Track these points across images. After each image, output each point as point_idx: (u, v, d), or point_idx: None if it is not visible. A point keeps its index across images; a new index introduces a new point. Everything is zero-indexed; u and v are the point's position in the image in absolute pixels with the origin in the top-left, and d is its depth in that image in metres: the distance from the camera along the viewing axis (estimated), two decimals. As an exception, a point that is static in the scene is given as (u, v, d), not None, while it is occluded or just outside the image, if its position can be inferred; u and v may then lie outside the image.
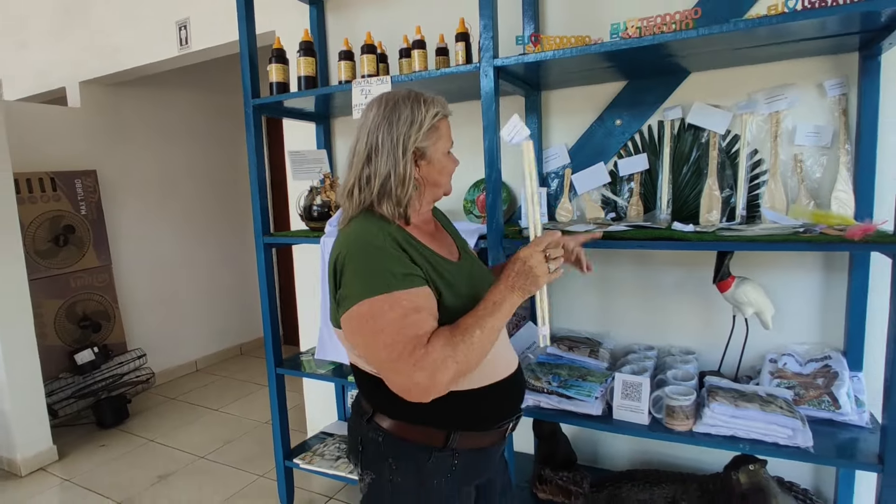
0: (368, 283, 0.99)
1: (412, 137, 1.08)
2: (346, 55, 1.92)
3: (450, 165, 1.17)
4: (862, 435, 1.45)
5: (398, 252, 1.03)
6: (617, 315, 1.99)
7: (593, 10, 1.88)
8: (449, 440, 1.08)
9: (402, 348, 0.96)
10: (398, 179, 1.07)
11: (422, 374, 0.95)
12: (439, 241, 1.19)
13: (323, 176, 2.16)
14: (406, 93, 1.12)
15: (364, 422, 1.13)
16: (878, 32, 1.39)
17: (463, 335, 0.98)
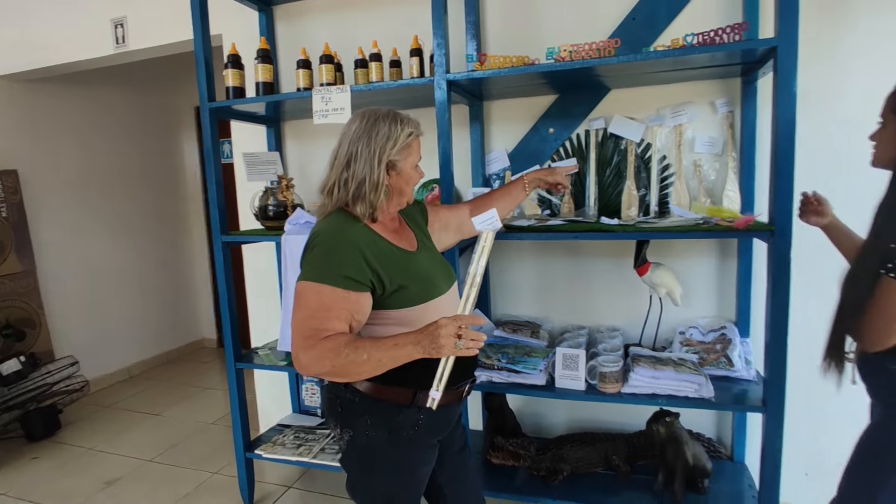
0: (315, 269, 1.18)
1: (387, 151, 1.25)
2: (303, 64, 2.05)
3: (416, 177, 1.35)
4: (750, 386, 1.79)
5: (351, 254, 1.19)
6: (553, 300, 2.26)
7: (527, 32, 2.13)
8: (415, 398, 1.25)
9: (303, 331, 1.15)
10: (372, 185, 1.25)
11: (304, 357, 1.15)
12: (401, 235, 1.36)
13: (278, 177, 2.26)
14: (386, 111, 1.29)
15: (342, 386, 1.29)
16: (754, 64, 1.73)
17: (352, 351, 1.13)
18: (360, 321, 1.22)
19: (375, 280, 1.21)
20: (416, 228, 1.45)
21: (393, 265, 1.25)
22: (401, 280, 1.24)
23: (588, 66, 1.65)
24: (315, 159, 2.54)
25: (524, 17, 2.15)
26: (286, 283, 2.07)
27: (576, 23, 2.07)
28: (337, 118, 1.91)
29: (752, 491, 1.88)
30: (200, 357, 4.44)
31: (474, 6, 2.14)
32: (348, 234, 1.23)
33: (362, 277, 1.19)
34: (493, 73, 1.74)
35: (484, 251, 1.17)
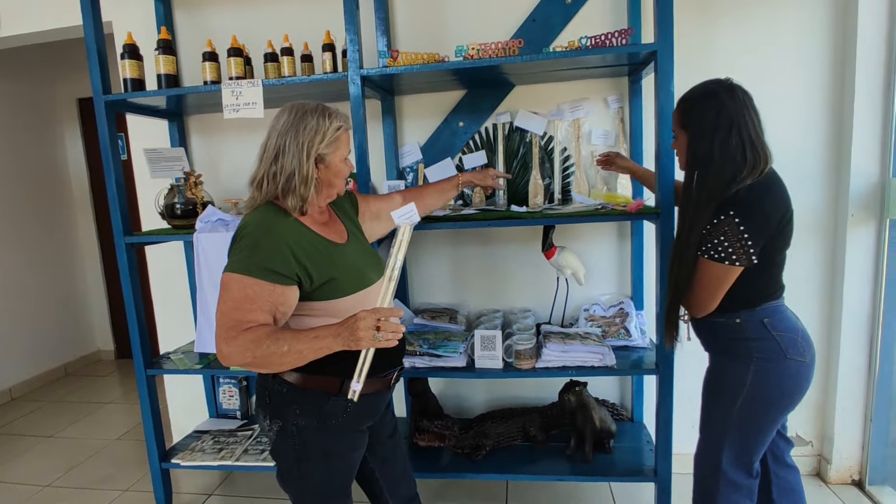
0: (241, 261, 1.19)
1: (315, 145, 1.27)
2: (210, 56, 1.99)
3: (345, 170, 1.36)
4: (646, 353, 2.01)
5: (281, 249, 1.20)
6: (468, 286, 2.37)
7: (434, 30, 2.22)
8: (342, 387, 1.28)
9: (226, 322, 1.16)
10: (302, 179, 1.26)
11: (226, 348, 1.15)
12: (330, 227, 1.39)
13: (184, 173, 2.18)
14: (315, 105, 1.30)
15: (271, 377, 1.31)
16: (639, 65, 1.94)
17: (272, 343, 1.15)
18: (284, 313, 1.23)
19: (302, 273, 1.23)
20: (347, 220, 1.47)
21: (322, 258, 1.27)
22: (329, 272, 1.27)
23: (495, 64, 1.76)
24: (223, 155, 2.47)
25: (431, 15, 2.22)
26: (201, 283, 2.01)
27: (480, 22, 2.18)
28: (248, 113, 1.88)
29: (649, 446, 2.12)
30: (96, 371, 4.11)
31: (383, 3, 2.19)
32: (276, 227, 1.24)
33: (288, 271, 1.20)
34: (406, 69, 1.80)
35: (402, 245, 1.20)
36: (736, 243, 1.31)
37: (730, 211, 1.31)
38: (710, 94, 1.36)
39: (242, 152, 2.43)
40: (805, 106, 2.09)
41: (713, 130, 1.34)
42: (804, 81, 2.08)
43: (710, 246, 1.34)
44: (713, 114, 1.34)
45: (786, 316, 1.42)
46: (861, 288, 2.09)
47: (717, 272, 1.35)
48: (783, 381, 1.39)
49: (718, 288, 1.37)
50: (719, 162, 1.33)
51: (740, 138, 1.33)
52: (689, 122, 1.39)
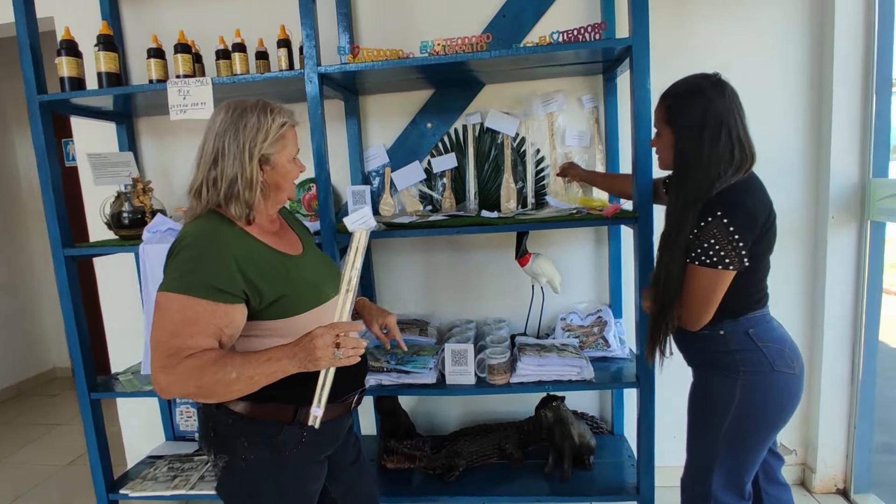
0: (179, 278, 1.05)
1: (258, 144, 1.14)
2: (156, 53, 1.84)
3: (294, 171, 1.24)
4: (625, 364, 1.91)
5: (226, 263, 1.07)
6: (439, 296, 2.25)
7: (400, 26, 2.10)
8: (297, 414, 1.16)
9: (164, 349, 1.03)
10: (245, 183, 1.13)
11: (164, 378, 1.03)
12: (282, 237, 1.26)
13: (132, 180, 2.02)
14: (255, 101, 1.18)
15: (214, 408, 1.17)
16: (614, 62, 1.85)
17: (219, 368, 1.03)
18: (230, 336, 1.10)
19: (250, 290, 1.10)
20: (300, 228, 1.36)
21: (272, 272, 1.14)
22: (281, 288, 1.14)
23: (461, 61, 1.65)
24: (177, 159, 2.31)
25: (397, 10, 2.11)
26: (147, 298, 1.86)
27: (449, 18, 2.07)
28: (197, 113, 1.74)
29: (631, 461, 2.02)
30: (50, 389, 3.88)
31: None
32: (220, 238, 1.11)
33: (233, 288, 1.07)
34: (366, 67, 1.68)
35: (358, 252, 1.11)
36: (727, 245, 1.22)
37: (717, 212, 1.22)
38: (698, 90, 1.28)
39: (197, 156, 2.28)
40: (783, 105, 2.02)
41: (701, 128, 1.26)
42: (782, 80, 2.01)
43: (701, 251, 1.25)
44: (700, 110, 1.26)
45: (771, 326, 1.34)
46: (843, 292, 2.02)
47: (711, 279, 1.25)
48: (773, 395, 1.30)
49: (713, 296, 1.27)
50: (707, 161, 1.25)
51: (729, 137, 1.25)
52: (675, 119, 1.30)
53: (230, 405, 1.16)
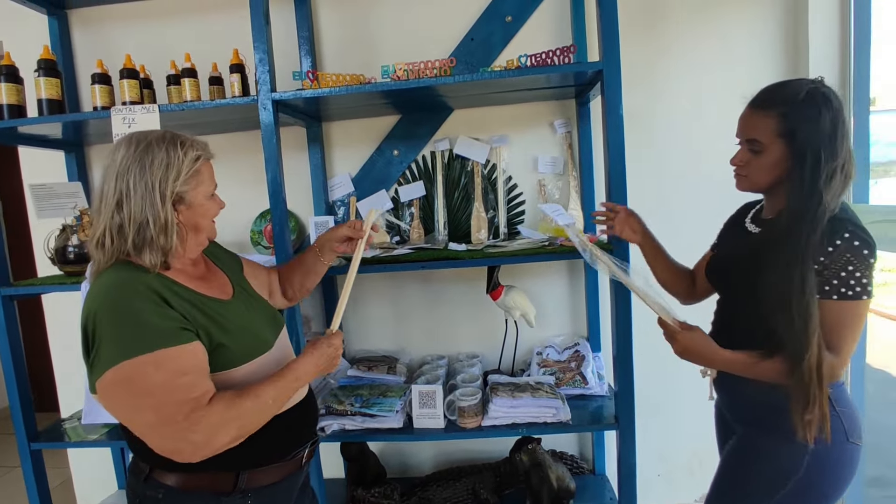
0: (126, 343, 0.90)
1: (170, 182, 1.01)
2: (101, 78, 1.73)
3: (213, 209, 1.12)
4: (604, 402, 1.81)
5: (159, 305, 0.96)
6: (409, 331, 2.14)
7: (365, 50, 2.02)
8: (238, 481, 1.04)
9: (175, 412, 0.90)
10: (159, 228, 1.00)
11: (198, 436, 0.91)
12: (209, 281, 1.13)
13: (79, 212, 1.89)
14: (160, 134, 1.05)
15: (141, 481, 1.04)
16: (586, 86, 1.78)
17: (255, 399, 0.97)
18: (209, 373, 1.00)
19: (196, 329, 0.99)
20: (228, 271, 1.22)
21: (206, 318, 1.02)
22: (218, 337, 1.02)
23: (423, 86, 1.56)
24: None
25: (362, 34, 2.03)
26: (90, 341, 1.72)
27: (415, 42, 2.00)
28: (143, 142, 1.63)
29: (613, 503, 1.90)
30: (6, 429, 3.66)
31: (307, 21, 1.98)
32: (139, 282, 0.97)
33: (187, 324, 0.97)
34: (323, 93, 1.58)
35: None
36: (865, 269, 1.03)
37: (844, 234, 1.04)
38: (822, 97, 1.08)
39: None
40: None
41: (829, 141, 1.06)
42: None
43: (839, 282, 1.04)
44: (829, 120, 1.06)
45: (844, 387, 1.15)
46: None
47: (858, 311, 1.05)
48: (841, 470, 1.11)
49: (858, 332, 1.06)
50: (841, 176, 1.07)
51: (849, 150, 1.09)
52: (795, 131, 1.08)
53: (158, 477, 1.03)
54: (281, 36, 2.01)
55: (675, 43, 1.95)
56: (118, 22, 2.10)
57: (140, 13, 2.08)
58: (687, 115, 1.98)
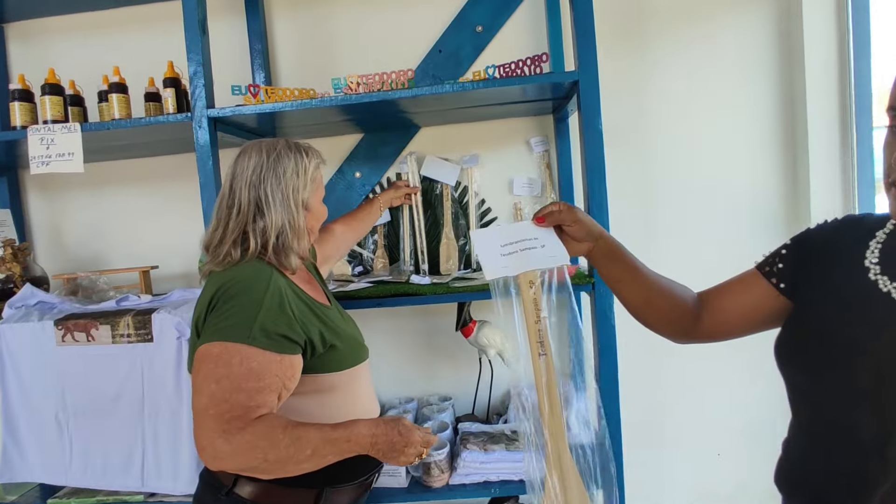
0: (232, 327, 0.94)
1: (300, 189, 1.09)
2: (22, 95, 1.55)
3: (324, 214, 1.20)
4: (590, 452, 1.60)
5: (282, 308, 0.99)
6: (376, 371, 1.92)
7: (324, 62, 1.85)
8: (320, 500, 1.05)
9: (225, 409, 0.89)
10: (295, 232, 1.07)
11: (224, 446, 0.88)
12: (314, 287, 1.20)
13: (1, 242, 1.70)
14: (284, 142, 1.11)
15: (223, 495, 1.02)
16: (563, 99, 1.61)
17: (293, 441, 0.91)
18: (289, 390, 0.99)
19: (307, 340, 1.02)
20: (318, 277, 1.29)
21: (319, 321, 1.07)
22: (331, 338, 1.07)
23: (377, 101, 1.39)
24: (70, 215, 1.99)
25: (321, 45, 1.87)
26: (4, 390, 1.51)
27: (378, 55, 1.83)
28: (63, 166, 1.45)
29: (603, 567, 1.68)
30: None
31: (260, 33, 1.81)
32: (274, 283, 1.01)
33: (297, 337, 0.99)
34: (266, 109, 1.40)
35: None
36: None
37: None
38: None
39: (95, 212, 1.97)
40: (753, 142, 1.80)
41: None
42: (751, 113, 1.79)
43: None
44: None
45: None
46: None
47: None
48: None
49: None
50: None
51: None
52: None
53: (240, 491, 1.02)
54: (234, 49, 1.84)
55: (660, 51, 1.79)
56: (57, 35, 1.93)
57: (81, 25, 1.91)
58: (675, 129, 1.81)
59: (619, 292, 0.98)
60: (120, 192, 1.96)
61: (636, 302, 0.96)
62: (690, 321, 0.93)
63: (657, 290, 0.94)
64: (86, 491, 1.55)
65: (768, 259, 0.87)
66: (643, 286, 0.94)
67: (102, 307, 1.54)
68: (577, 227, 0.95)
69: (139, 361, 1.44)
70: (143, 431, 1.45)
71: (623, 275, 0.96)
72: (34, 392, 1.50)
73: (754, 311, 0.87)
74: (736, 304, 0.89)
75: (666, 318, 0.94)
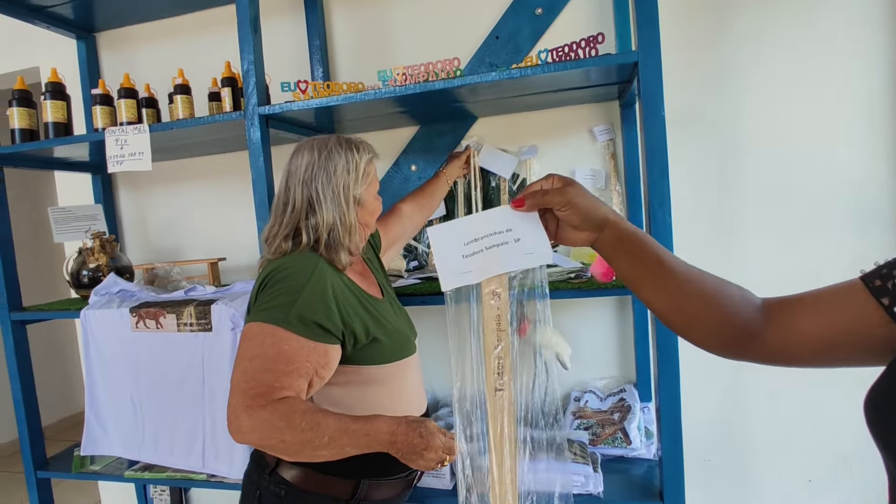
0: (276, 309, 0.98)
1: (351, 186, 1.09)
2: (103, 99, 1.67)
3: (378, 207, 1.19)
4: (650, 469, 1.47)
5: (326, 299, 1.00)
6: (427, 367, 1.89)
7: (381, 55, 1.84)
8: (357, 491, 1.07)
9: (251, 385, 0.93)
10: (345, 228, 1.08)
11: (247, 421, 0.92)
12: (366, 278, 1.21)
13: (91, 235, 1.85)
14: (335, 138, 1.12)
15: (266, 474, 1.08)
16: (627, 83, 1.47)
17: (310, 428, 0.92)
18: (323, 378, 1.02)
19: (348, 331, 1.03)
20: (375, 270, 1.28)
21: (366, 314, 1.09)
22: (374, 331, 1.08)
23: (424, 91, 1.34)
24: (155, 209, 2.14)
25: (378, 40, 1.85)
26: (90, 372, 1.66)
27: (434, 44, 1.79)
28: (134, 165, 1.54)
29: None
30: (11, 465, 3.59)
31: (318, 29, 1.83)
32: (319, 272, 1.04)
33: (333, 327, 1.00)
34: (313, 105, 1.40)
35: None
36: None
37: None
38: None
39: (175, 206, 2.10)
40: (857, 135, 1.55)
41: None
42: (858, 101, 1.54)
43: None
44: None
45: None
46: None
47: None
48: None
49: None
50: None
51: None
52: None
53: (283, 472, 1.06)
54: (294, 46, 1.88)
55: (745, 27, 1.59)
56: (140, 42, 2.07)
57: (161, 32, 2.04)
58: (761, 116, 1.60)
59: (642, 296, 0.74)
60: (195, 188, 2.07)
61: (664, 308, 0.72)
62: (746, 336, 0.68)
63: (695, 292, 0.70)
64: (157, 467, 1.66)
65: (880, 270, 0.61)
66: (673, 288, 0.70)
67: (173, 296, 1.64)
68: (570, 212, 0.71)
69: (200, 349, 1.52)
70: (204, 416, 1.53)
71: (642, 274, 0.72)
72: (113, 373, 1.62)
73: (844, 337, 0.62)
74: (819, 323, 0.63)
75: (708, 330, 0.70)
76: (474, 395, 0.77)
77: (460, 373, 0.73)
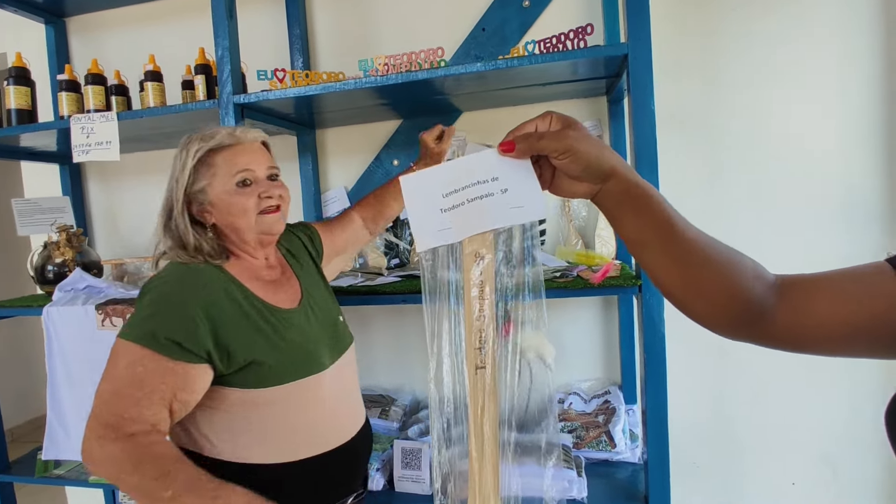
0: (133, 325, 0.92)
1: (181, 186, 1.00)
2: (69, 85, 1.59)
3: (245, 202, 1.00)
4: (634, 473, 1.44)
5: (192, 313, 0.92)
6: (411, 367, 1.85)
7: (363, 45, 1.79)
8: None
9: (103, 412, 0.87)
10: (184, 233, 1.01)
11: (97, 451, 0.85)
12: (281, 286, 1.08)
13: (57, 229, 1.77)
14: (187, 137, 1.04)
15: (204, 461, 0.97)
16: (615, 78, 1.44)
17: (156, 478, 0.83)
18: (184, 403, 0.91)
19: (217, 349, 0.93)
20: (304, 274, 1.15)
21: (252, 329, 0.97)
22: (257, 352, 0.96)
23: (406, 81, 1.29)
24: (126, 203, 2.06)
25: (361, 30, 1.79)
26: (52, 372, 1.58)
27: (419, 35, 1.73)
28: (101, 155, 1.47)
29: None
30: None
31: (298, 18, 1.77)
32: (192, 281, 0.96)
33: (194, 345, 0.90)
34: (290, 94, 1.35)
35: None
36: None
37: None
38: None
39: (148, 199, 2.02)
40: (847, 131, 1.53)
41: None
42: (847, 95, 1.52)
43: None
44: None
45: None
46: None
47: None
48: None
49: None
50: None
51: None
52: None
53: None
54: (274, 35, 1.81)
55: (736, 21, 1.56)
56: (116, 27, 1.98)
57: (133, 17, 1.95)
58: (751, 112, 1.58)
59: (644, 261, 0.62)
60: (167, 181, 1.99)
61: (668, 275, 0.60)
62: (755, 315, 0.59)
63: (706, 260, 0.58)
64: (124, 472, 1.58)
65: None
66: (681, 252, 0.58)
67: (141, 293, 1.56)
68: (570, 160, 0.57)
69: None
70: (172, 419, 1.46)
71: (649, 235, 0.59)
72: (77, 374, 1.55)
73: (868, 322, 0.54)
74: (839, 305, 0.56)
75: (716, 304, 0.60)
76: (453, 376, 0.65)
77: (436, 349, 0.63)
